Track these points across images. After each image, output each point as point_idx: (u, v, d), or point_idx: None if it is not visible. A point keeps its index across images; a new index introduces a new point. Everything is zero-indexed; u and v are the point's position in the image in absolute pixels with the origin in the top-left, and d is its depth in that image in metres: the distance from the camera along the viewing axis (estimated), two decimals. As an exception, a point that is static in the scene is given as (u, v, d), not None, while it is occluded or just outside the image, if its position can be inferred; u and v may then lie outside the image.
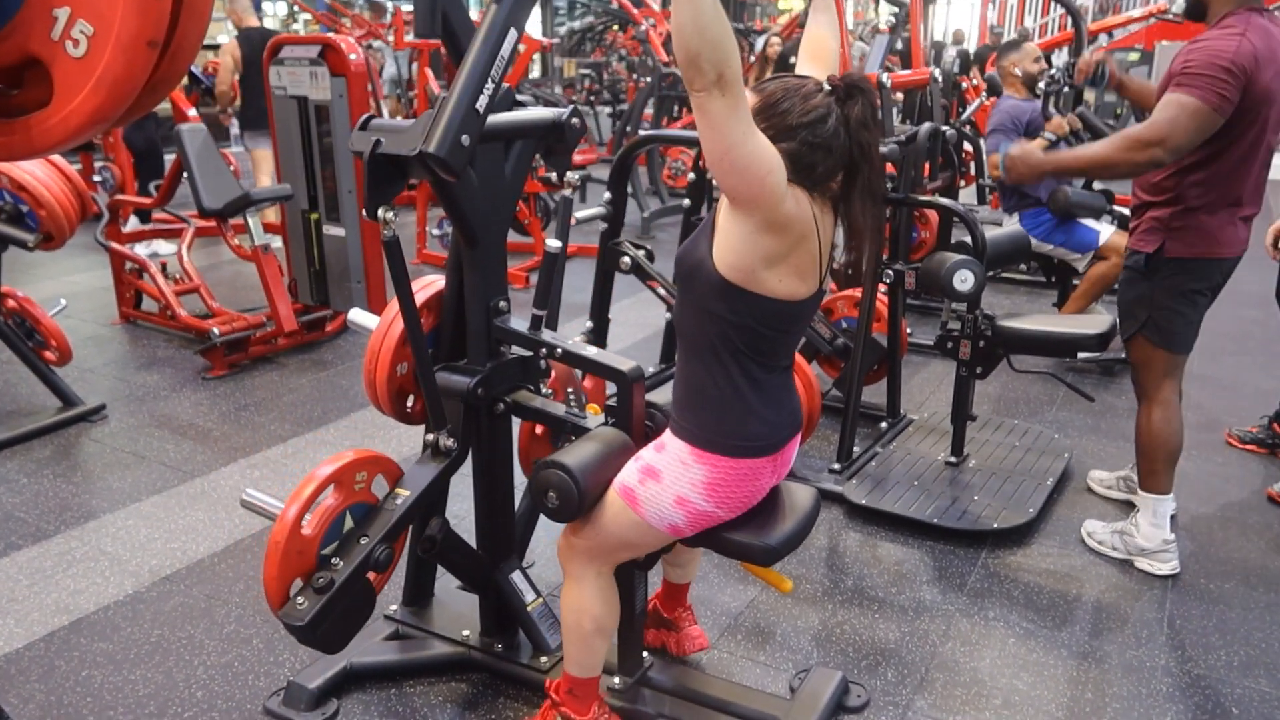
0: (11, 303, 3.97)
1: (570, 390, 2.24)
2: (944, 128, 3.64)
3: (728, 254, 1.72)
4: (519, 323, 2.25)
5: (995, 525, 3.09)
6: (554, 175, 2.41)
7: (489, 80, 1.91)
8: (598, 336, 3.83)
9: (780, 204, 1.65)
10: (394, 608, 2.59)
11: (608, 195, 3.64)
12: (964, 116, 7.26)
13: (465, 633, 2.47)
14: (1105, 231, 4.47)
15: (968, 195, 8.35)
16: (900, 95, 5.76)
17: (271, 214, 5.83)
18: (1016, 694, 2.40)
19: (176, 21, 1.07)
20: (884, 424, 3.87)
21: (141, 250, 6.24)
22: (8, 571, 2.89)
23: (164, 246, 6.59)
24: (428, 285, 2.35)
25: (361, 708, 2.32)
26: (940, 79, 3.98)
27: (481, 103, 1.92)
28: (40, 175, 3.62)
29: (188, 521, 3.19)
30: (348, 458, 2.09)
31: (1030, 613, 2.74)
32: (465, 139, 1.88)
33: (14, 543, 3.05)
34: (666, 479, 1.87)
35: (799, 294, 1.77)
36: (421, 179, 1.94)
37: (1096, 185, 4.84)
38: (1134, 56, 9.77)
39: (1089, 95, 8.92)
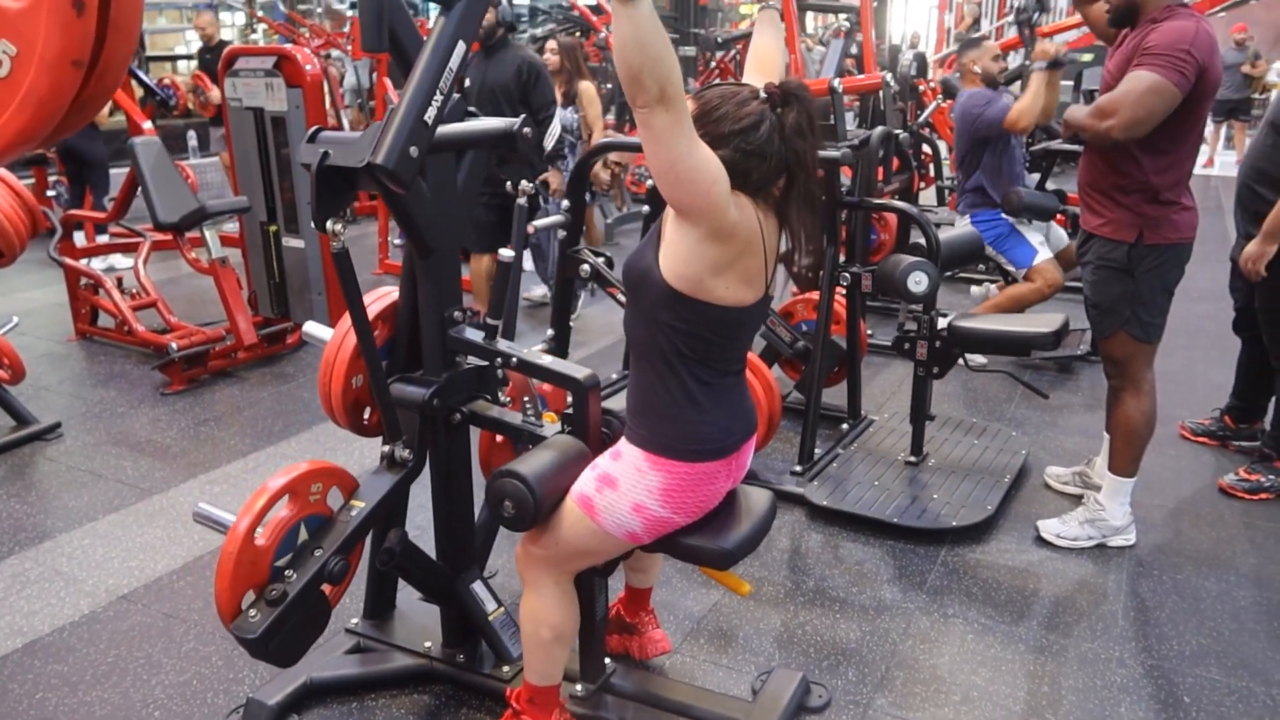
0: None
1: (527, 399, 2.24)
2: (898, 131, 3.67)
3: (675, 263, 1.74)
4: (475, 332, 2.25)
5: (954, 523, 3.13)
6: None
7: (438, 92, 1.92)
8: (559, 344, 3.84)
9: (725, 213, 1.67)
10: (355, 620, 2.57)
11: (565, 203, 3.65)
12: (921, 119, 7.36)
13: (427, 644, 2.46)
14: (1042, 254, 4.51)
15: (928, 197, 8.45)
16: (853, 100, 5.80)
17: (231, 227, 5.78)
18: (975, 689, 2.43)
19: (103, 40, 1.06)
20: (845, 425, 3.90)
21: (99, 265, 6.16)
22: (-41, 595, 2.84)
23: (121, 261, 6.50)
24: (382, 296, 2.34)
25: (322, 723, 2.31)
26: (893, 83, 4.02)
27: (430, 114, 1.92)
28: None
29: (145, 539, 3.15)
30: (302, 469, 2.08)
31: (988, 608, 2.78)
32: (414, 150, 1.88)
33: (-34, 565, 3.00)
34: (623, 486, 1.88)
35: (745, 300, 1.79)
36: (370, 191, 1.94)
37: (1049, 185, 4.92)
38: (1087, 57, 9.93)
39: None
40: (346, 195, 1.92)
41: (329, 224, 1.89)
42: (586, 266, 3.65)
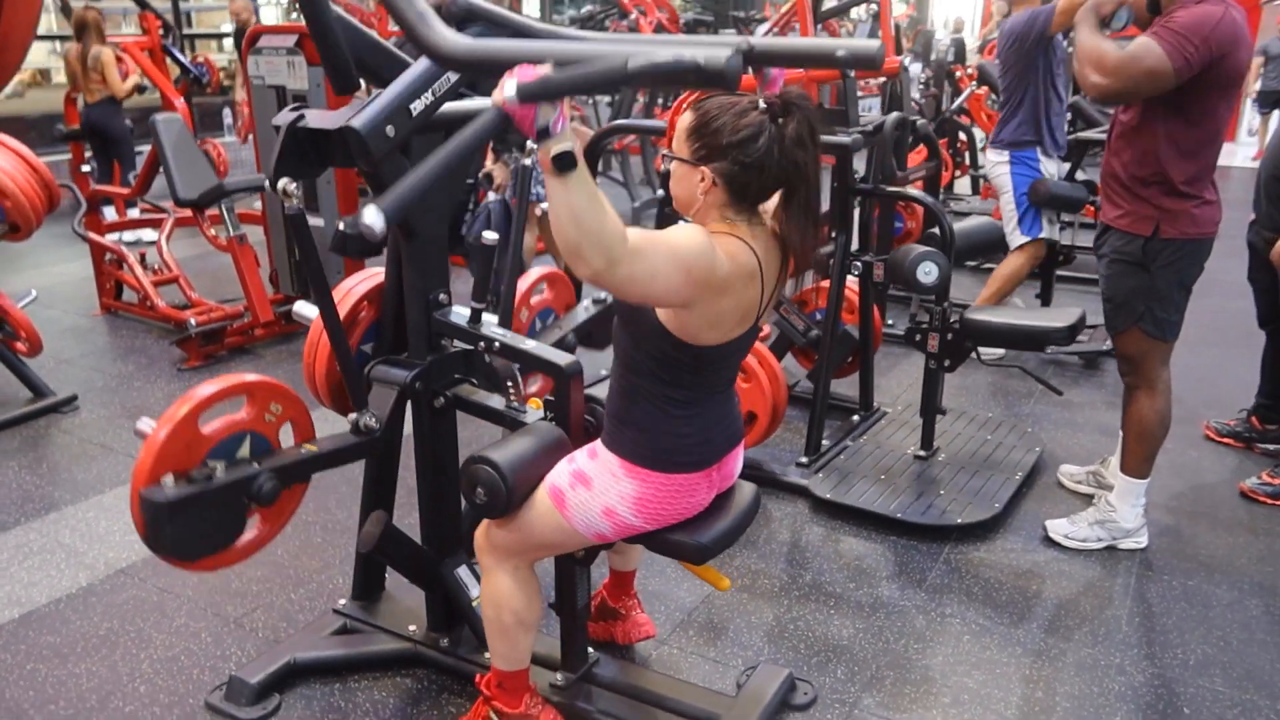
0: (-17, 295, 3.97)
1: (510, 382, 2.21)
2: (915, 118, 3.58)
3: (672, 316, 1.72)
4: (461, 316, 2.23)
5: (959, 520, 3.06)
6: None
7: (430, 92, 1.91)
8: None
9: (712, 279, 1.64)
10: (343, 601, 2.58)
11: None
12: (955, 105, 7.20)
13: (412, 627, 2.45)
14: (1049, 234, 4.38)
15: (963, 186, 8.29)
16: (873, 86, 5.68)
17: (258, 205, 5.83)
18: (966, 692, 2.37)
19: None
20: (856, 417, 3.83)
21: (130, 239, 6.25)
22: (-37, 564, 2.89)
23: (152, 235, 6.59)
24: (369, 277, 2.32)
25: (304, 703, 2.31)
26: (912, 67, 3.92)
27: (416, 106, 1.91)
28: (4, 165, 3.60)
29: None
30: (269, 379, 2.07)
31: (988, 609, 2.71)
32: (390, 130, 1.86)
33: (-28, 535, 3.05)
34: (597, 488, 1.85)
35: (735, 335, 1.77)
36: (341, 164, 1.92)
37: (1079, 176, 4.78)
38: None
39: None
40: (312, 163, 1.90)
41: (282, 183, 1.85)
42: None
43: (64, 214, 5.54)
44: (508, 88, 1.37)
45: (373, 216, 1.35)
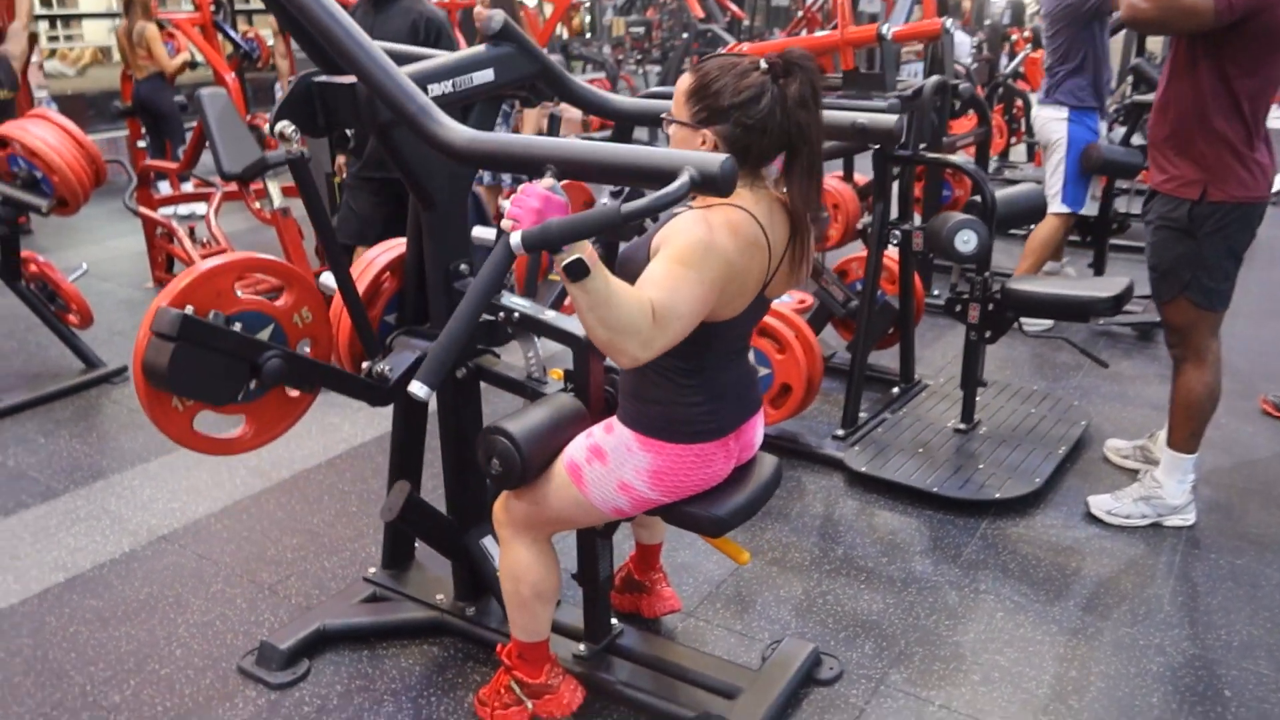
0: (33, 267, 4.07)
1: (530, 354, 2.19)
2: (957, 82, 3.47)
3: None
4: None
5: (997, 495, 2.99)
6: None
7: (451, 84, 1.94)
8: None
9: (726, 270, 1.63)
10: (373, 570, 2.61)
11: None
12: (1010, 69, 6.99)
13: (439, 597, 2.48)
14: (1091, 207, 4.25)
15: (1018, 153, 8.07)
16: (914, 50, 5.52)
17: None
18: (997, 670, 2.32)
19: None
20: (896, 389, 3.76)
21: (183, 212, 6.37)
22: (14, 529, 2.98)
23: (203, 209, 6.71)
24: (391, 248, 2.33)
25: (333, 668, 2.35)
26: (953, 29, 3.79)
27: (434, 89, 1.92)
28: (52, 141, 3.68)
29: (191, 482, 3.25)
30: (311, 283, 2.14)
31: (1024, 586, 2.65)
32: (404, 101, 1.84)
33: (24, 501, 3.14)
34: (612, 462, 1.84)
35: (739, 309, 1.74)
36: (348, 125, 1.93)
37: (1136, 140, 4.60)
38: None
39: None
40: (316, 119, 1.91)
41: (280, 125, 1.85)
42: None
43: (118, 189, 5.67)
44: (513, 238, 1.45)
45: (418, 388, 1.53)
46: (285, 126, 1.86)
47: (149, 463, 3.40)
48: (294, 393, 2.15)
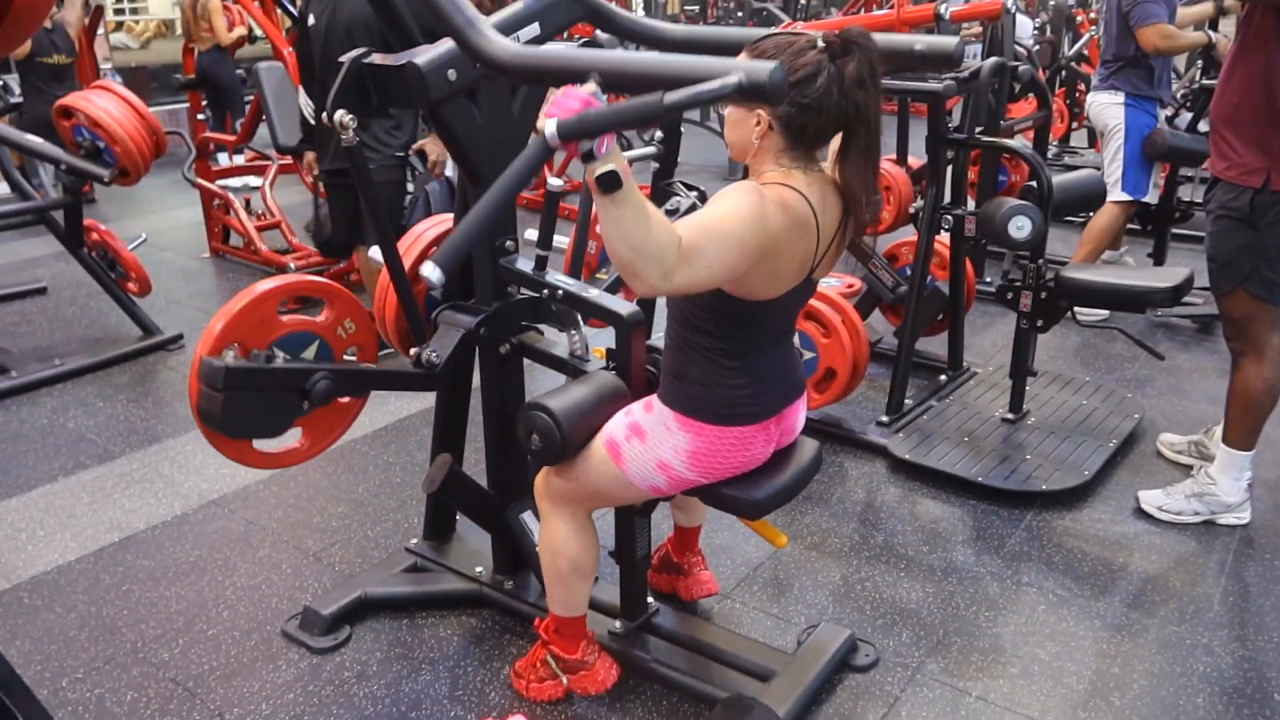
0: (95, 235, 4.17)
1: (573, 331, 2.20)
2: (1018, 64, 3.38)
3: None
4: (527, 262, 2.23)
5: (1044, 487, 2.94)
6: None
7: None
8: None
9: (766, 240, 1.60)
10: (414, 540, 2.65)
11: (659, 134, 3.55)
12: (1073, 51, 6.81)
13: (478, 569, 2.51)
14: (1153, 195, 4.14)
15: (1080, 138, 7.87)
16: (974, 31, 5.40)
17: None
18: (1037, 663, 2.29)
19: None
20: (943, 376, 3.71)
21: (236, 184, 6.47)
22: (72, 489, 3.07)
23: (258, 181, 6.82)
24: (438, 223, 2.34)
25: (373, 635, 2.39)
26: (1015, 8, 3.69)
27: None
28: (115, 113, 3.76)
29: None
30: (354, 297, 2.17)
31: (1068, 580, 2.60)
32: (452, 74, 1.85)
33: (82, 462, 3.24)
34: (651, 441, 1.84)
35: (788, 288, 1.72)
36: (401, 105, 1.93)
37: (1202, 126, 4.46)
38: None
39: None
40: (370, 101, 1.92)
41: (338, 115, 1.86)
42: (678, 199, 3.56)
43: (178, 160, 5.78)
44: (548, 126, 1.37)
45: (429, 270, 1.42)
46: (343, 115, 1.87)
47: (202, 429, 3.48)
48: (343, 401, 2.18)
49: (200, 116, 7.33)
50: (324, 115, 1.86)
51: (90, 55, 6.75)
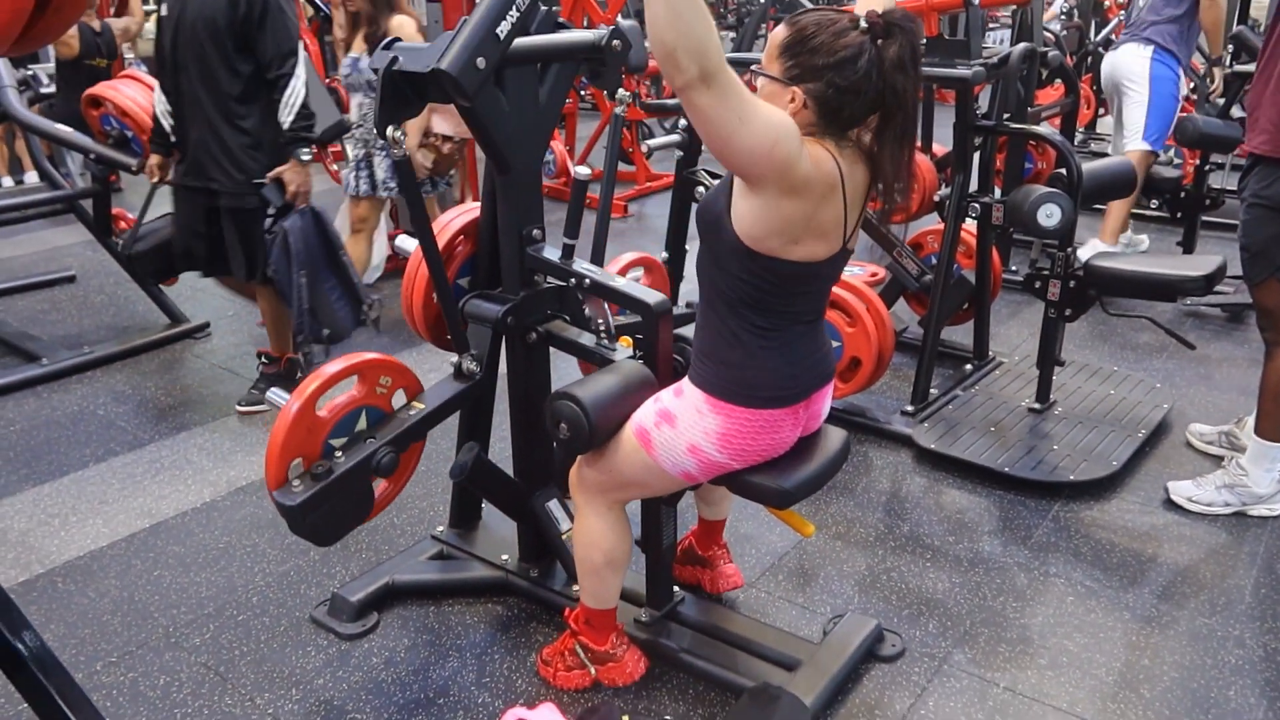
0: (123, 224, 4.21)
1: (599, 318, 2.20)
2: (1047, 50, 3.34)
3: (745, 220, 1.65)
4: (554, 251, 2.23)
5: (1071, 477, 2.92)
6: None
7: (513, 7, 1.88)
8: (674, 266, 3.77)
9: (793, 169, 1.56)
10: (441, 528, 2.66)
11: (684, 122, 3.54)
12: (1100, 37, 6.73)
13: (504, 557, 2.52)
14: (1165, 155, 4.19)
15: (1105, 125, 7.77)
16: (1000, 14, 5.33)
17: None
18: (1065, 655, 2.28)
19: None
20: (969, 366, 3.69)
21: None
22: (103, 475, 3.11)
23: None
24: (466, 212, 2.35)
25: (400, 622, 2.41)
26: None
27: (503, 28, 1.88)
28: (143, 102, 3.78)
29: (269, 436, 3.34)
30: (375, 356, 2.15)
31: (1096, 571, 2.59)
32: (480, 62, 1.84)
33: (112, 449, 3.28)
34: (681, 425, 1.83)
35: (819, 255, 1.70)
36: (440, 100, 1.92)
37: (1235, 113, 4.40)
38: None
39: None
40: (413, 104, 1.91)
41: (390, 130, 1.88)
42: (702, 189, 3.55)
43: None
44: None
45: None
46: (394, 131, 1.88)
47: (229, 416, 3.51)
48: None
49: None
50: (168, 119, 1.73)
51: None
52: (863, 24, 1.60)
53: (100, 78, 6.06)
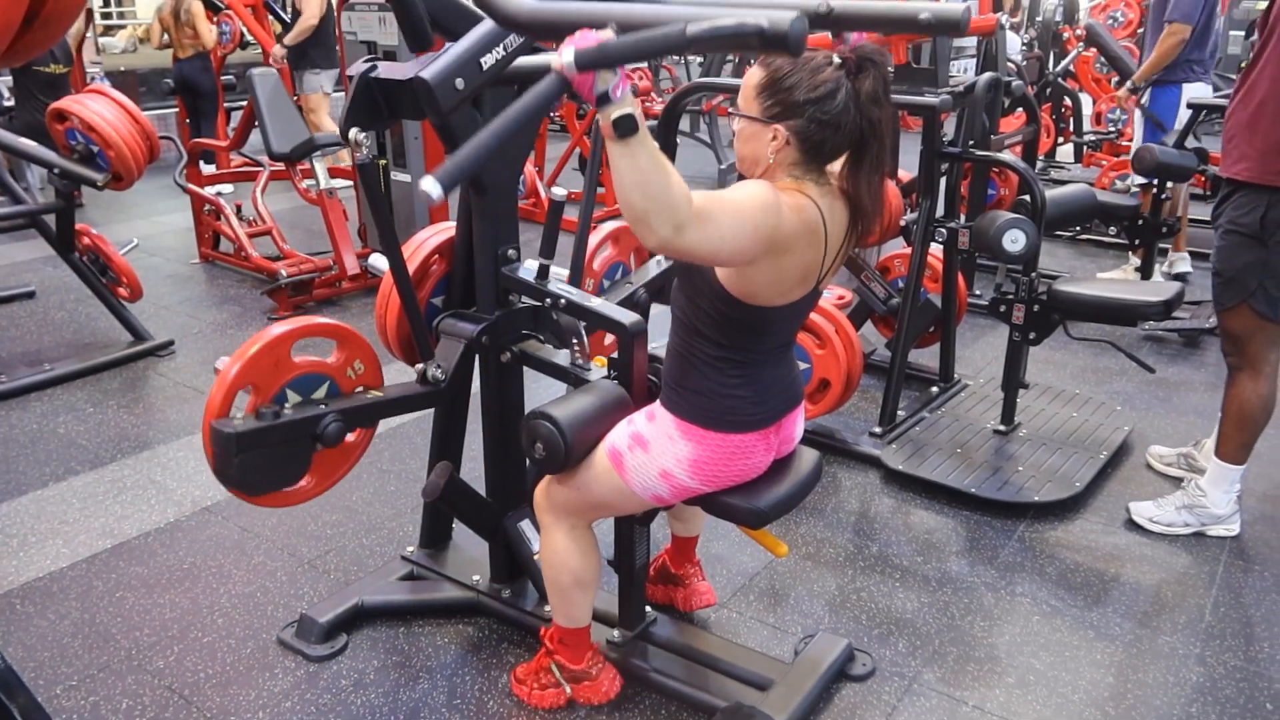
0: (86, 240, 4.15)
1: (575, 340, 2.21)
2: (1010, 79, 3.43)
3: (735, 280, 1.69)
4: (529, 271, 2.23)
5: (1036, 498, 2.97)
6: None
7: (502, 46, 1.90)
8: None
9: (777, 234, 1.60)
10: (411, 549, 2.64)
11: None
12: (1059, 68, 6.89)
13: (475, 577, 2.50)
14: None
15: (1065, 153, 7.95)
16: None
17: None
18: (1032, 673, 2.31)
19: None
20: (935, 388, 3.74)
21: (227, 190, 6.44)
22: (63, 495, 3.05)
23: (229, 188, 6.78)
24: (440, 231, 2.35)
25: (369, 644, 2.38)
26: (1008, 25, 3.75)
27: (487, 60, 1.90)
28: (109, 117, 3.74)
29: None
30: (363, 339, 2.16)
31: (1061, 590, 2.63)
32: (460, 83, 1.86)
33: (73, 468, 3.22)
34: (653, 450, 1.85)
35: (796, 296, 1.73)
36: (409, 116, 1.94)
37: (1190, 144, 4.52)
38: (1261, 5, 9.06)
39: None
40: (381, 114, 1.92)
41: (352, 133, 1.88)
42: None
43: (167, 165, 5.76)
44: (565, 54, 1.34)
45: (430, 185, 1.34)
46: (357, 134, 1.88)
47: (193, 435, 3.46)
48: (351, 437, 2.18)
49: (189, 122, 7.31)
50: None
51: (78, 60, 6.72)
52: (835, 59, 1.64)
53: (57, 84, 6.00)
